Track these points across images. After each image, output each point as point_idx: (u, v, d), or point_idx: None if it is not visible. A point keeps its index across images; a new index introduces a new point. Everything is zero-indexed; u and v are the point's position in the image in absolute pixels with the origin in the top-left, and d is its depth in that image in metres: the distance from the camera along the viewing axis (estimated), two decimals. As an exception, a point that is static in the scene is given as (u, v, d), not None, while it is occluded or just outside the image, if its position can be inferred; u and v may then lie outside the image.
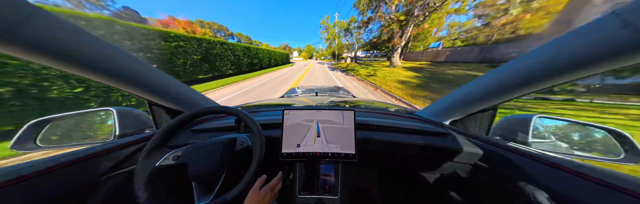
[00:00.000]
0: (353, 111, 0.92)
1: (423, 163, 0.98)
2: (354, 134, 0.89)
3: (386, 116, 1.18)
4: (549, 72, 0.55)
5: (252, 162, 0.70)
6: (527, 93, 0.66)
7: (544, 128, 0.90)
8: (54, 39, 0.49)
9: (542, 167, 0.62)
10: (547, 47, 0.55)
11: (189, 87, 1.01)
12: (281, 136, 0.90)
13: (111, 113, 0.92)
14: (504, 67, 0.68)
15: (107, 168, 0.70)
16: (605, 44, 0.43)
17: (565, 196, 0.55)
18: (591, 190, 0.51)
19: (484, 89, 0.77)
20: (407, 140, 0.94)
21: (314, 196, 0.81)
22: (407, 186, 1.35)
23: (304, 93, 2.77)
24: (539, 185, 0.61)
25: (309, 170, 0.89)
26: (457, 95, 0.92)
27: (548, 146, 0.86)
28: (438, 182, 1.11)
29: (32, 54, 0.48)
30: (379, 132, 1.00)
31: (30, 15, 0.44)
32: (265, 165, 0.74)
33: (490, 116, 0.91)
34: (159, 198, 0.61)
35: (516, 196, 0.68)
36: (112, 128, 0.89)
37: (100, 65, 0.60)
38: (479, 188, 0.87)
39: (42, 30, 0.46)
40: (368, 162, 1.05)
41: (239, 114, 0.80)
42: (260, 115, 1.22)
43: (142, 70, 0.74)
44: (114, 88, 0.71)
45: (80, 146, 0.82)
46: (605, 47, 0.43)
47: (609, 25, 0.42)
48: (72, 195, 0.60)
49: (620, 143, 0.75)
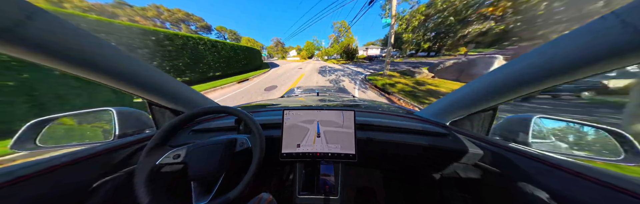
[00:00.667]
0: (353, 111, 0.92)
1: (423, 163, 0.98)
2: (354, 134, 0.89)
3: (386, 117, 1.18)
4: (549, 72, 0.55)
5: (252, 163, 0.70)
6: (527, 93, 0.66)
7: (544, 128, 0.90)
8: (54, 39, 0.49)
9: (542, 167, 0.62)
10: (547, 47, 0.55)
11: (188, 86, 1.01)
12: (281, 137, 0.90)
13: (111, 113, 0.92)
14: (505, 67, 0.68)
15: (107, 168, 0.70)
16: (605, 44, 0.43)
17: (565, 196, 0.55)
18: (591, 190, 0.51)
19: (484, 89, 0.77)
20: (408, 140, 0.94)
21: (314, 196, 0.81)
22: (407, 186, 1.35)
23: (304, 93, 2.77)
24: (539, 185, 0.61)
25: (309, 170, 0.89)
26: (457, 95, 0.92)
27: (548, 147, 0.86)
28: (438, 182, 1.11)
29: (32, 54, 0.48)
30: (379, 132, 1.00)
31: (30, 15, 0.44)
32: (265, 165, 0.74)
33: (490, 117, 0.91)
34: (159, 198, 0.61)
35: (516, 196, 0.68)
36: (112, 128, 0.89)
37: (100, 65, 0.60)
38: (479, 188, 0.87)
39: (42, 30, 0.46)
40: (368, 162, 1.05)
41: (239, 114, 0.80)
42: (260, 115, 1.22)
43: (142, 70, 0.73)
44: (113, 88, 0.71)
45: (80, 146, 0.82)
46: (604, 48, 0.43)
47: (608, 25, 0.42)
48: (72, 195, 0.60)
49: (620, 143, 0.75)
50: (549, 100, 8.75)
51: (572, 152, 0.84)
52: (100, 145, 0.72)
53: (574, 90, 9.41)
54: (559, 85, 0.58)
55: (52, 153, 0.64)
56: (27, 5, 0.44)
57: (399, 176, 1.43)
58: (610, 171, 0.51)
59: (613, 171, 0.51)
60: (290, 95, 2.75)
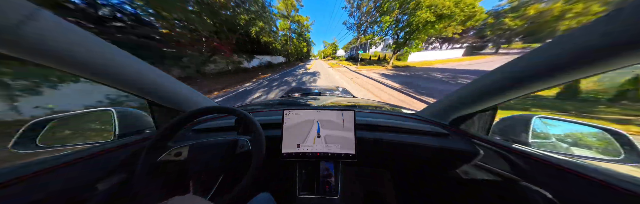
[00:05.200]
0: (353, 111, 0.92)
1: (423, 163, 0.98)
2: (354, 134, 0.89)
3: (386, 117, 1.18)
4: (550, 72, 0.55)
5: (252, 163, 0.70)
6: (528, 93, 0.66)
7: (544, 128, 0.90)
8: (54, 39, 0.49)
9: (542, 167, 0.62)
10: (548, 47, 0.55)
11: (188, 86, 1.01)
12: (281, 136, 0.90)
13: (111, 113, 0.92)
14: (505, 67, 0.68)
15: (108, 168, 0.70)
16: (605, 44, 0.43)
17: (565, 196, 0.55)
18: (591, 190, 0.51)
19: (484, 89, 0.77)
20: (408, 140, 0.94)
21: (314, 196, 0.81)
22: (407, 185, 1.36)
23: (305, 93, 2.77)
24: (539, 185, 0.61)
25: (309, 170, 0.89)
26: (457, 95, 0.92)
27: (548, 147, 0.86)
28: (437, 182, 1.11)
29: (32, 54, 0.48)
30: (380, 132, 1.00)
31: (31, 15, 0.44)
32: (265, 165, 0.74)
33: (490, 116, 0.91)
34: (159, 198, 0.61)
35: (516, 196, 0.68)
36: (112, 128, 0.89)
37: (100, 65, 0.60)
38: (479, 188, 0.87)
39: (42, 30, 0.46)
40: (368, 162, 1.05)
41: (239, 114, 0.80)
42: (261, 115, 1.22)
43: (142, 70, 0.73)
44: (114, 87, 0.71)
45: (80, 146, 0.82)
46: (605, 48, 0.43)
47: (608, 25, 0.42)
48: (73, 195, 0.60)
49: (620, 143, 0.75)
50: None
51: (572, 152, 0.84)
52: (100, 145, 0.72)
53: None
54: (558, 85, 0.58)
55: (53, 153, 0.64)
56: (27, 5, 0.44)
57: (399, 175, 1.43)
58: (611, 171, 0.51)
59: (613, 171, 0.51)
60: (290, 95, 2.75)
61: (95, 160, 0.67)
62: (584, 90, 6.75)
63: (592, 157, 0.76)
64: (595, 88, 6.86)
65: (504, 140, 0.85)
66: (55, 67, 0.55)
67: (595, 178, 0.50)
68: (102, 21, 6.97)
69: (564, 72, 0.52)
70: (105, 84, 0.68)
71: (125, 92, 0.75)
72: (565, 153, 0.78)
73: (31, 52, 0.48)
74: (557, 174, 0.58)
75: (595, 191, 0.50)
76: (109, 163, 0.71)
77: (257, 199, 0.78)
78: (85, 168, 0.64)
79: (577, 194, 0.53)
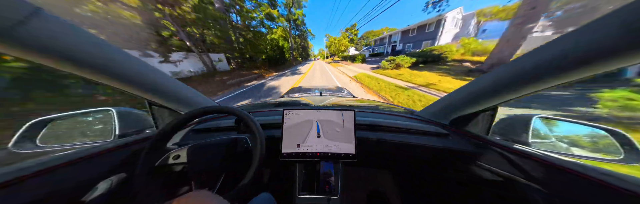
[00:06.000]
0: (353, 111, 0.92)
1: (423, 163, 0.98)
2: (354, 134, 0.89)
3: (386, 117, 1.18)
4: (550, 72, 0.55)
5: (252, 163, 0.70)
6: (528, 93, 0.66)
7: (544, 128, 0.90)
8: (54, 39, 0.49)
9: (542, 167, 0.62)
10: (549, 47, 0.55)
11: (188, 86, 1.01)
12: (281, 137, 0.90)
13: (111, 113, 0.92)
14: (505, 67, 0.68)
15: (108, 168, 0.70)
16: (606, 44, 0.43)
17: (565, 196, 0.55)
18: (591, 190, 0.51)
19: (484, 89, 0.77)
20: (408, 140, 0.94)
21: (314, 196, 0.81)
22: (407, 185, 1.36)
23: (305, 93, 2.77)
24: (539, 185, 0.61)
25: (309, 170, 0.89)
26: (457, 95, 0.92)
27: (548, 147, 0.86)
28: (438, 182, 1.11)
29: (32, 54, 0.48)
30: (380, 132, 1.00)
31: (31, 15, 0.44)
32: (265, 165, 0.74)
33: (490, 116, 0.91)
34: (159, 197, 0.61)
35: (516, 196, 0.68)
36: (112, 128, 0.89)
37: (100, 65, 0.60)
38: (479, 188, 0.87)
39: (42, 30, 0.46)
40: (368, 162, 1.05)
41: (239, 114, 0.80)
42: (261, 115, 1.22)
43: (142, 70, 0.73)
44: (114, 87, 0.71)
45: (80, 146, 0.82)
46: (606, 48, 0.43)
47: (609, 25, 0.42)
48: (73, 195, 0.60)
49: (620, 143, 0.75)
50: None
51: (572, 152, 0.84)
52: (100, 145, 0.72)
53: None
54: (558, 85, 0.58)
55: (53, 153, 0.64)
56: (27, 5, 0.44)
57: (399, 175, 1.43)
58: (611, 171, 0.51)
59: (613, 171, 0.51)
60: (290, 95, 2.75)
61: (95, 160, 0.67)
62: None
63: (592, 157, 0.76)
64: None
65: (504, 140, 0.85)
66: (55, 67, 0.55)
67: (595, 178, 0.50)
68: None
69: (564, 71, 0.52)
70: (106, 83, 0.68)
71: (126, 92, 0.75)
72: (565, 153, 0.78)
73: (31, 52, 0.48)
74: (557, 174, 0.58)
75: (595, 191, 0.50)
76: (109, 163, 0.71)
77: (257, 199, 0.78)
78: (85, 168, 0.64)
79: (577, 194, 0.53)
